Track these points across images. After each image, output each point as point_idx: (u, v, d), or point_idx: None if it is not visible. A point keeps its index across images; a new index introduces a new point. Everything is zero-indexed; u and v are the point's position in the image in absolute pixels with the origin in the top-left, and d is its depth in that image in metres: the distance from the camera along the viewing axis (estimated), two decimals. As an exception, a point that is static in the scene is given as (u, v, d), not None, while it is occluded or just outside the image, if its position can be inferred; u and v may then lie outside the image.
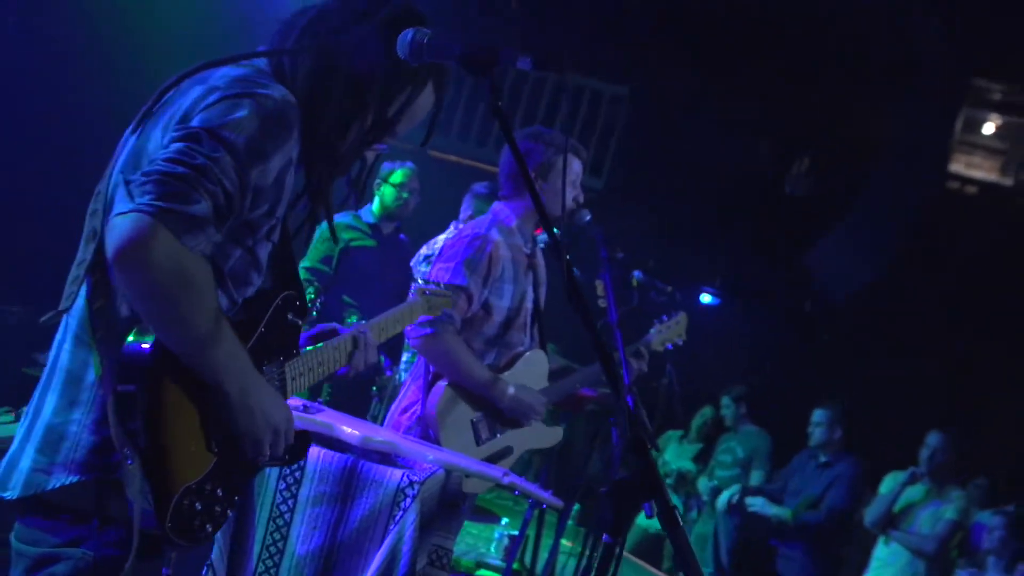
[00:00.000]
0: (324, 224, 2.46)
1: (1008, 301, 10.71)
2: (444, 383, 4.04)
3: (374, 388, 6.77)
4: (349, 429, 3.47)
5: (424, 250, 6.16)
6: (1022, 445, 10.92)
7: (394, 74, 2.32)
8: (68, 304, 2.17)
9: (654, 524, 8.58)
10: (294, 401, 3.38)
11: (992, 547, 6.66)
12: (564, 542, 6.16)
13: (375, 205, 6.99)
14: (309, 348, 2.56)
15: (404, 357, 6.18)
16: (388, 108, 2.35)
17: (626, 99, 11.51)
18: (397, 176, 6.97)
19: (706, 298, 11.07)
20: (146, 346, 2.04)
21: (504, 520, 7.20)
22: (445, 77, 2.43)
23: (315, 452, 3.40)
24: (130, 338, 2.06)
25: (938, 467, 7.30)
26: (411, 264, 6.26)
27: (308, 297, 6.32)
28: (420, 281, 3.67)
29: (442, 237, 6.12)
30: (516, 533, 6.40)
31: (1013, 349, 10.63)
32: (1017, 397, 11.44)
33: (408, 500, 3.31)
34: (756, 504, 7.92)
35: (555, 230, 2.16)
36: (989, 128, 12.59)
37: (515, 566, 6.32)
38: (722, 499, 8.16)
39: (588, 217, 4.36)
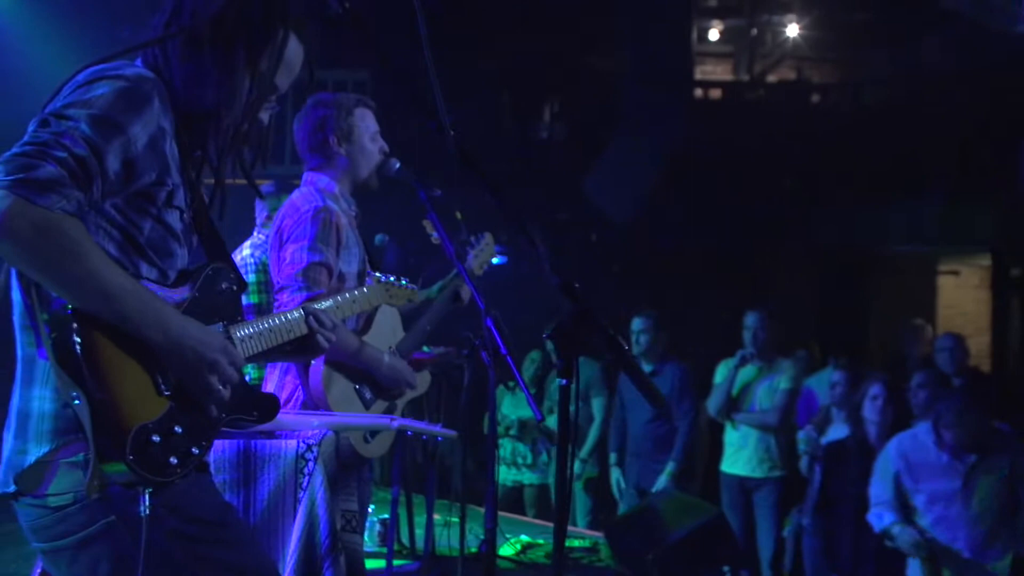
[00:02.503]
0: None
1: (773, 184, 11.27)
2: (320, 361, 3.91)
3: None
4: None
5: (239, 258, 5.90)
6: (825, 315, 11.54)
7: (253, 34, 2.46)
8: (2, 278, 2.32)
9: (510, 477, 8.64)
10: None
11: (834, 401, 6.98)
12: (437, 517, 6.11)
13: None
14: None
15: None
16: (259, 66, 2.48)
17: (369, 82, 11.48)
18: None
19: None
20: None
21: (370, 507, 7.09)
22: (304, 25, 2.56)
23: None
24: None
25: (762, 344, 7.59)
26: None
27: None
28: (379, 275, 3.73)
29: (247, 243, 5.93)
30: (386, 516, 6.32)
31: (791, 229, 11.20)
32: (805, 273, 12.08)
33: (310, 463, 3.20)
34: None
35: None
36: (714, 35, 13.24)
37: (395, 547, 6.24)
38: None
39: (397, 165, 4.32)
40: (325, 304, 2.93)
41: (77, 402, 2.13)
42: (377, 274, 3.75)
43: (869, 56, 12.45)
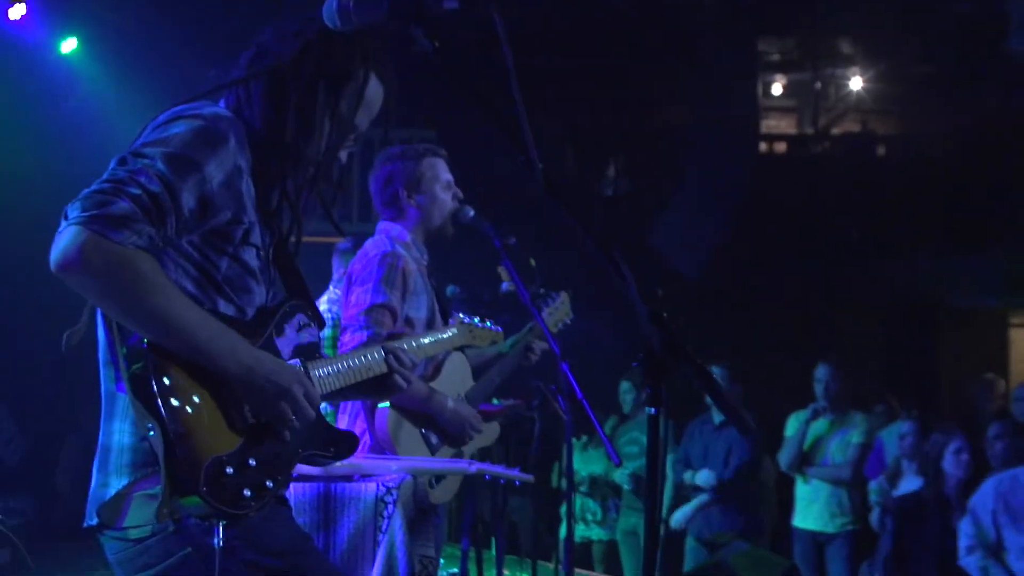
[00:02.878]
0: None
1: (840, 237, 11.20)
2: (386, 405, 3.95)
3: None
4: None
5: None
6: (894, 368, 11.38)
7: (334, 74, 2.50)
8: (86, 318, 2.36)
9: (578, 532, 8.58)
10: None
11: (904, 452, 6.89)
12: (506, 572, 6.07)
13: None
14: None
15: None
16: (340, 107, 2.52)
17: (435, 141, 11.61)
18: None
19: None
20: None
21: (440, 561, 7.08)
22: (385, 66, 2.59)
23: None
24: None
25: (834, 396, 7.50)
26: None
27: None
28: (463, 316, 3.75)
29: (324, 298, 6.03)
30: (455, 571, 6.32)
31: (859, 282, 11.11)
32: (873, 326, 11.94)
33: (390, 507, 3.24)
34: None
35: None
36: (778, 89, 13.28)
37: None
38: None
39: (472, 212, 4.36)
40: (407, 343, 2.97)
41: (152, 434, 2.16)
42: (460, 315, 3.78)
43: (934, 107, 12.39)
